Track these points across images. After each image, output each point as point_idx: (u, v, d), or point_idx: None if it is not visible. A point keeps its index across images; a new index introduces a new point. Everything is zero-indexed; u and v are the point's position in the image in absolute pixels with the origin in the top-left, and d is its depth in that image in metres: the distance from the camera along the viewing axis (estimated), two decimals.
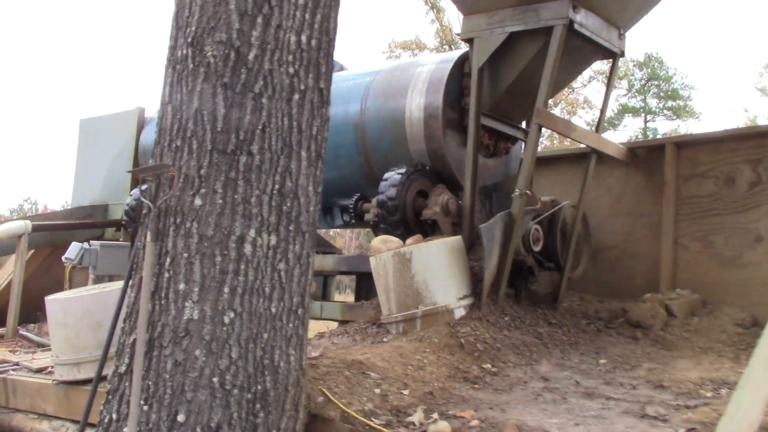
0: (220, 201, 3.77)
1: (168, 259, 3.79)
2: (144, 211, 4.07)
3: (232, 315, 3.68)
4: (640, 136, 42.45)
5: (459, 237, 5.88)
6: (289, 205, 3.94)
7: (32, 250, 9.04)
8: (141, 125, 9.52)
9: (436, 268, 5.54)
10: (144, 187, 4.09)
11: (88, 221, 9.16)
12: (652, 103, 45.33)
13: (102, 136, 9.94)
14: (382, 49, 39.70)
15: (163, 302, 3.73)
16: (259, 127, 3.81)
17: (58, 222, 9.00)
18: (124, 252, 7.29)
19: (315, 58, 4.00)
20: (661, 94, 45.05)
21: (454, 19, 42.51)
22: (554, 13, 6.01)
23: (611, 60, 6.92)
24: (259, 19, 3.80)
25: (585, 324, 6.52)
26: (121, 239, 9.23)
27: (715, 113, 58.45)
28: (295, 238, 3.97)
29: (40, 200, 62.27)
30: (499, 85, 6.63)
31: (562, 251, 6.96)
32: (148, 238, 3.83)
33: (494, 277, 5.83)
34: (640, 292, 7.13)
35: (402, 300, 5.56)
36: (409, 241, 5.88)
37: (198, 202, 3.76)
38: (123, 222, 8.93)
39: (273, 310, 3.80)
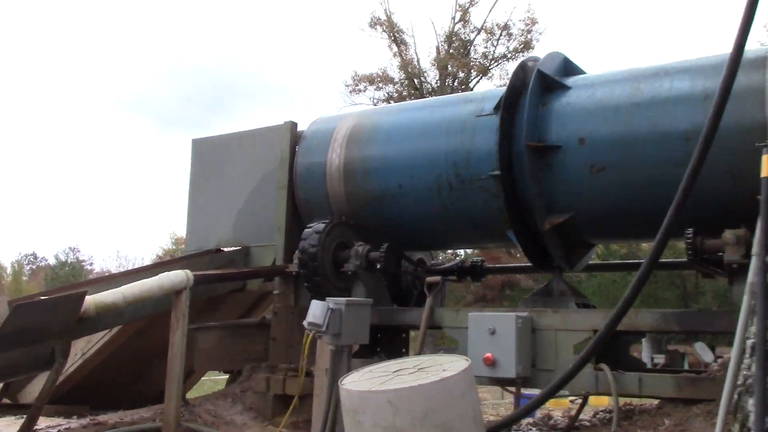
0: None
1: None
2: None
3: None
4: None
5: None
6: None
7: None
8: (294, 144, 7.67)
9: None
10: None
11: (248, 270, 7.24)
12: None
13: (233, 161, 8.05)
14: (345, 82, 38.71)
15: None
16: None
17: (222, 272, 7.05)
18: (367, 313, 5.45)
19: None
20: None
21: (421, 52, 42.04)
22: None
23: None
24: None
25: None
26: (276, 292, 7.32)
27: None
28: None
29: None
30: None
31: None
32: None
33: None
34: None
35: None
36: None
37: None
38: (291, 271, 7.03)
39: None
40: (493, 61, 38.46)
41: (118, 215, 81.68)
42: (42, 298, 5.65)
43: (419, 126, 7.00)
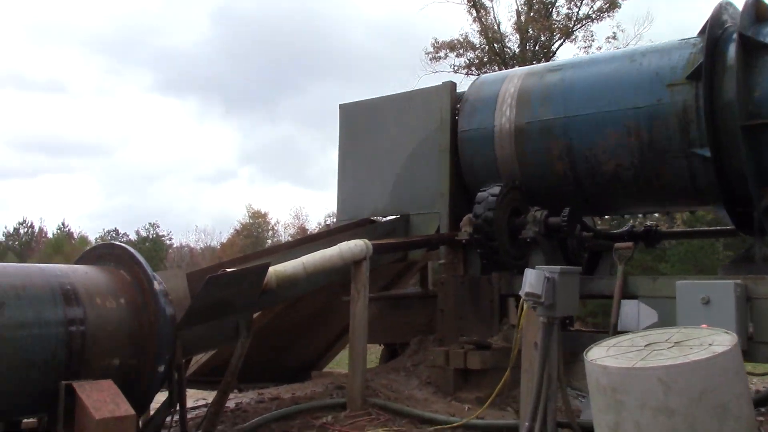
0: None
1: None
2: None
3: None
4: None
5: None
6: None
7: None
8: (454, 106, 7.35)
9: None
10: None
11: (419, 238, 6.99)
12: None
13: (386, 125, 7.79)
14: (425, 49, 38.01)
15: None
16: None
17: (397, 240, 6.85)
18: (577, 282, 5.13)
19: None
20: None
21: (501, 16, 40.90)
22: None
23: None
24: None
25: None
26: (442, 262, 7.06)
27: None
28: None
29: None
30: None
31: None
32: None
33: None
34: None
35: None
36: None
37: None
38: (461, 239, 6.75)
39: None
40: (576, 23, 37.31)
41: (193, 191, 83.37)
42: (228, 270, 5.51)
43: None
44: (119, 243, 5.36)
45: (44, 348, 4.41)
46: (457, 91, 7.53)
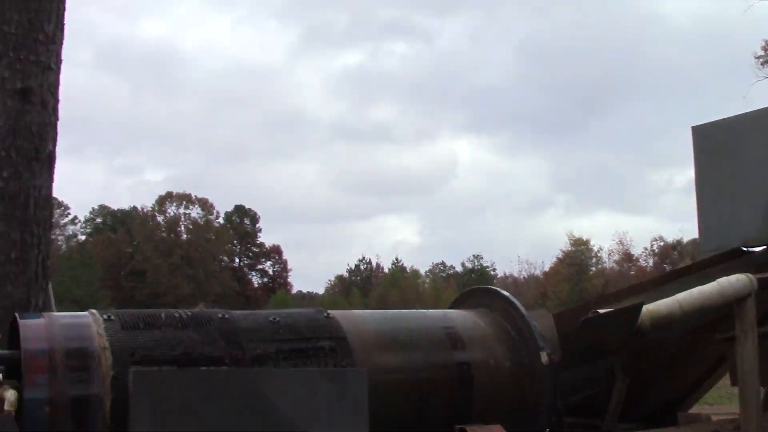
0: None
1: None
2: None
3: None
4: None
5: None
6: None
7: None
8: None
9: None
10: None
11: None
12: None
13: (750, 145, 7.11)
14: (755, 53, 34.07)
15: None
16: None
17: None
18: None
19: None
20: None
21: None
22: None
23: None
24: None
25: None
26: None
27: None
28: None
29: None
30: None
31: None
32: None
33: None
34: None
35: None
36: None
37: None
38: None
39: None
40: None
41: (511, 221, 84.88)
42: (600, 311, 5.37)
43: None
44: (492, 287, 5.48)
45: (438, 391, 4.62)
46: None
